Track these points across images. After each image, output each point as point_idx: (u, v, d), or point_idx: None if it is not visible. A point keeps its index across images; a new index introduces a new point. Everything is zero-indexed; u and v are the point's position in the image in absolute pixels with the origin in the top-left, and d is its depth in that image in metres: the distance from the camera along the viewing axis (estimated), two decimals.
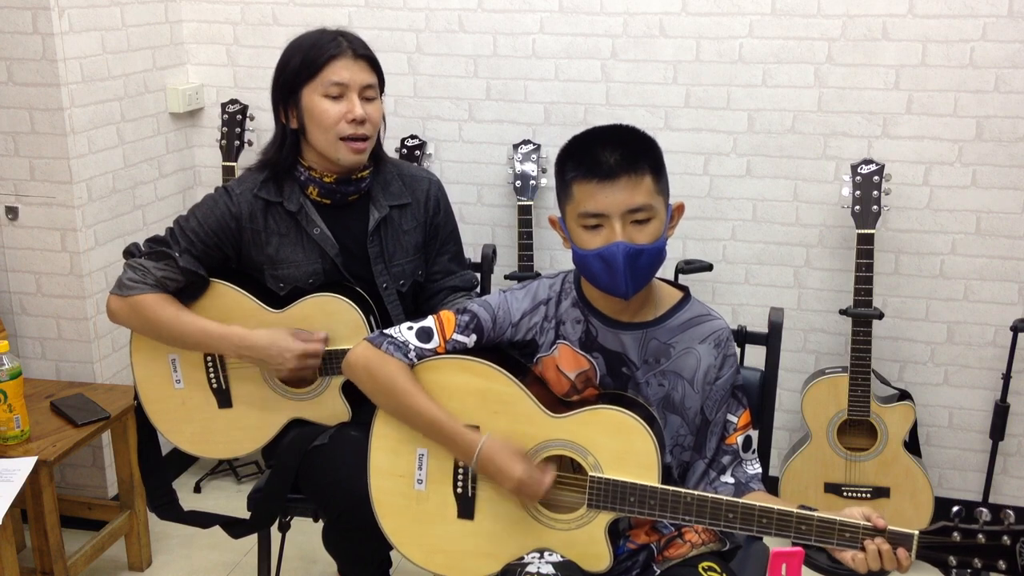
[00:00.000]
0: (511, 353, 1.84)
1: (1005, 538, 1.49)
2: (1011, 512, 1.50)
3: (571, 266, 1.85)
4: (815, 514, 1.58)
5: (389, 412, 1.83)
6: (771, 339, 2.07)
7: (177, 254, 2.10)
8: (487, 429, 1.77)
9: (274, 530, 2.31)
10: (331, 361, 2.12)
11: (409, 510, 1.83)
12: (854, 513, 1.58)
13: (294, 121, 2.12)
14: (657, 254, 1.69)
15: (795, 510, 1.60)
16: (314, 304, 2.13)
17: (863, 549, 1.56)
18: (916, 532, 1.54)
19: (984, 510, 1.51)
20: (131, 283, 2.11)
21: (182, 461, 3.38)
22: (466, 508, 1.80)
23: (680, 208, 1.76)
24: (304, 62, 2.08)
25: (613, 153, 1.65)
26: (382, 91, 2.16)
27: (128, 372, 2.99)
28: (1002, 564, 1.49)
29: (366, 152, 2.12)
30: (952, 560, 1.52)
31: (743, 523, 1.63)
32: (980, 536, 1.50)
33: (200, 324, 2.11)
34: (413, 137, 3.11)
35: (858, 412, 2.81)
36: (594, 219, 1.66)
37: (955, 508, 1.53)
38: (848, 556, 1.58)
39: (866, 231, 2.74)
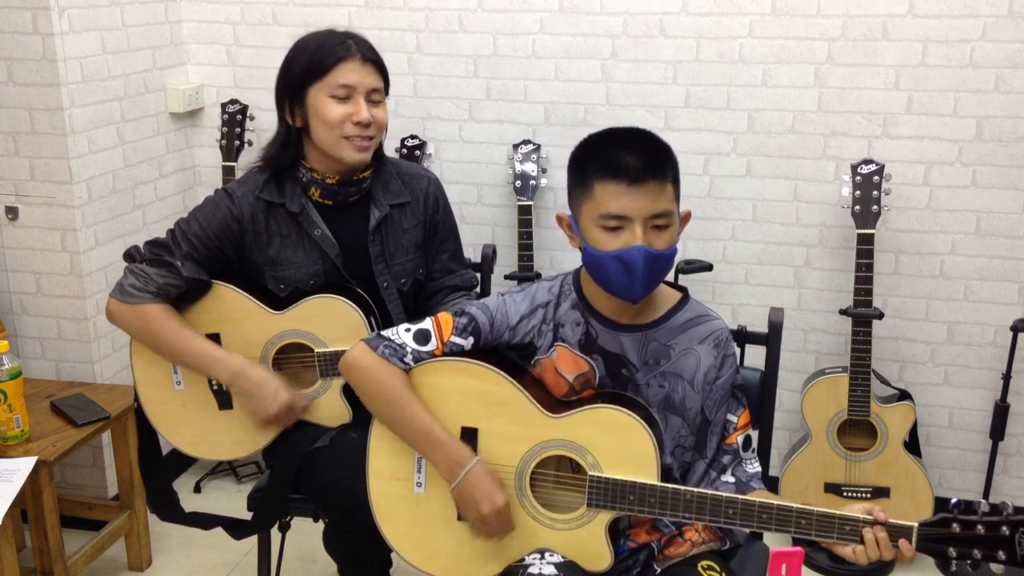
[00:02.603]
0: (509, 355, 1.83)
1: (1004, 528, 1.49)
2: (1009, 503, 1.51)
3: (571, 266, 1.85)
4: (815, 508, 1.59)
5: (381, 418, 1.83)
6: (771, 339, 2.07)
7: (179, 263, 2.10)
8: (485, 430, 1.77)
9: (274, 530, 2.31)
10: (332, 362, 2.12)
11: (408, 513, 1.83)
12: (855, 509, 1.59)
13: (299, 119, 2.11)
14: (671, 260, 1.70)
15: (795, 505, 1.60)
16: (315, 305, 2.13)
17: (863, 542, 1.57)
18: (915, 524, 1.55)
19: (983, 501, 1.52)
20: (134, 290, 2.10)
21: (182, 461, 3.38)
22: None
23: (687, 216, 1.77)
24: (312, 62, 2.07)
25: (639, 157, 1.64)
26: (387, 93, 2.17)
27: (128, 372, 2.99)
28: (1002, 554, 1.50)
29: (369, 151, 2.12)
30: (952, 551, 1.53)
31: (743, 519, 1.64)
32: (979, 527, 1.51)
33: (201, 345, 2.11)
34: (413, 137, 3.11)
35: (858, 412, 2.81)
36: (616, 221, 1.65)
37: (954, 500, 1.54)
38: (848, 550, 1.58)
39: (866, 231, 2.74)
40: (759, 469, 1.85)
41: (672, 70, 2.97)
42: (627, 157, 1.65)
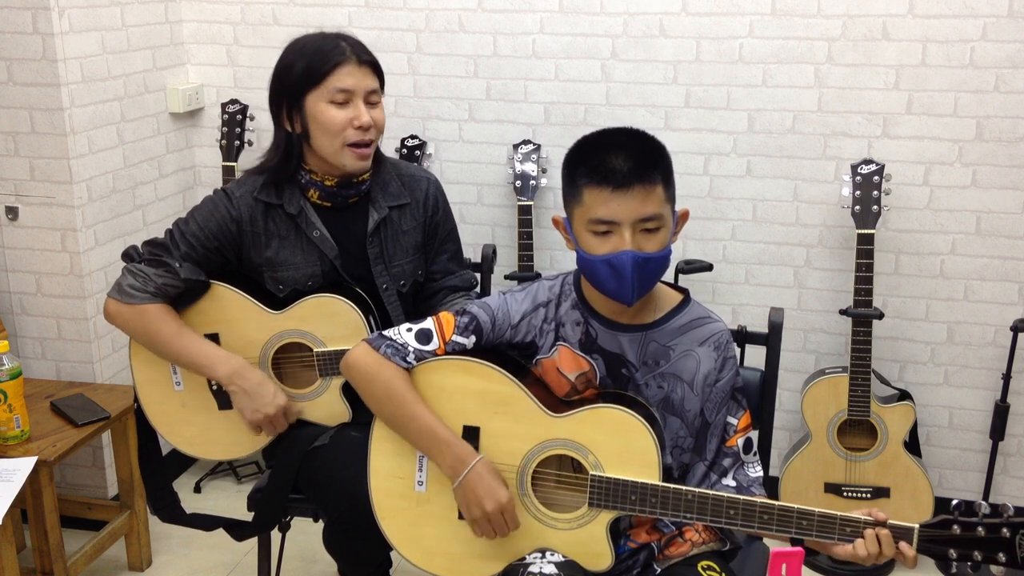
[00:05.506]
0: (510, 354, 1.83)
1: (1005, 530, 1.50)
2: (1010, 505, 1.51)
3: (571, 267, 1.85)
4: (816, 510, 1.59)
5: (384, 418, 1.83)
6: (771, 339, 2.07)
7: (178, 264, 2.10)
8: (487, 429, 1.77)
9: (274, 530, 2.30)
10: (331, 362, 2.12)
11: (410, 512, 1.83)
12: (855, 512, 1.59)
13: (298, 126, 2.11)
14: (663, 262, 1.69)
15: (796, 506, 1.60)
16: (314, 305, 2.13)
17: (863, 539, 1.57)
18: (916, 525, 1.55)
19: (983, 503, 1.52)
20: (133, 291, 2.10)
21: (182, 461, 3.38)
22: None
23: (685, 215, 1.76)
24: (308, 69, 2.05)
25: (627, 161, 1.63)
26: (383, 92, 2.16)
27: (128, 372, 2.99)
28: (1002, 556, 1.50)
29: (370, 157, 2.12)
30: (952, 553, 1.54)
31: (744, 520, 1.64)
32: (980, 529, 1.51)
33: (201, 345, 2.11)
34: (413, 137, 3.11)
35: (858, 412, 2.81)
36: (604, 225, 1.65)
37: (955, 501, 1.54)
38: (849, 548, 1.58)
39: (866, 231, 2.74)
40: (760, 474, 1.84)
41: (672, 70, 2.97)
42: (614, 161, 1.64)
